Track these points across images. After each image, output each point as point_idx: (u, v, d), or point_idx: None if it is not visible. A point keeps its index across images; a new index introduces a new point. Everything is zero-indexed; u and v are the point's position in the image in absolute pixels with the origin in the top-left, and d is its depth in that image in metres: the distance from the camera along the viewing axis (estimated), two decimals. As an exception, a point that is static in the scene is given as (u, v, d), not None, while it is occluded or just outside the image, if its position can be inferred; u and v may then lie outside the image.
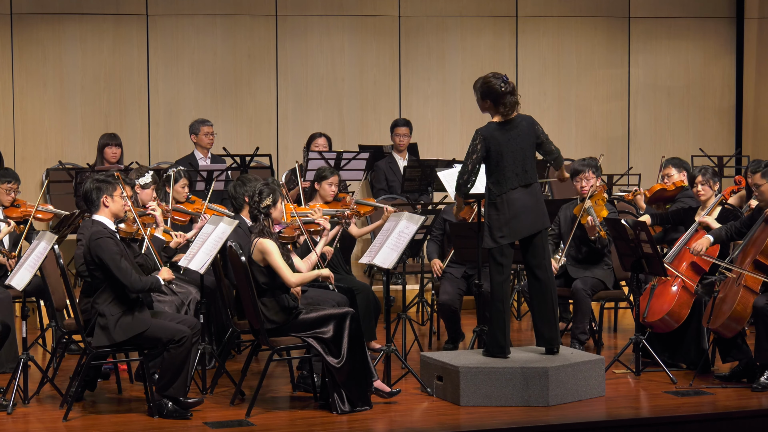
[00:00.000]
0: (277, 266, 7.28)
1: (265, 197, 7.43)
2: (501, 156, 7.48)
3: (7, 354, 8.28)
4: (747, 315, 7.79)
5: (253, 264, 7.31)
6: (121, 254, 7.10)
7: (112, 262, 7.05)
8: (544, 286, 7.63)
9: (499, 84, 7.46)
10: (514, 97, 7.50)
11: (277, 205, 7.45)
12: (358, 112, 13.18)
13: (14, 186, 9.16)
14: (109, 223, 7.22)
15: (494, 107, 7.53)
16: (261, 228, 7.37)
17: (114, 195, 7.25)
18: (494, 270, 7.57)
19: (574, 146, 13.25)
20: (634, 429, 7.22)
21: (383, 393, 7.44)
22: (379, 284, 10.08)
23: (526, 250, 7.63)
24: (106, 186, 7.25)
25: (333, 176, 9.13)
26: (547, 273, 7.63)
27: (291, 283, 7.31)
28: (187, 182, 9.23)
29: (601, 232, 8.79)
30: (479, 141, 7.48)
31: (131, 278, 7.07)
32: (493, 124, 7.53)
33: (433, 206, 10.08)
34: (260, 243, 7.32)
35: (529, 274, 7.68)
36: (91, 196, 7.24)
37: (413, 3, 13.27)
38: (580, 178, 9.03)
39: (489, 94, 7.50)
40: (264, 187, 7.48)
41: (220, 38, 12.87)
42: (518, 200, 7.50)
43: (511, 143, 7.50)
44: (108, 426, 7.04)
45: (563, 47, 13.62)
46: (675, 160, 9.60)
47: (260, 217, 7.41)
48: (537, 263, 7.62)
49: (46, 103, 12.51)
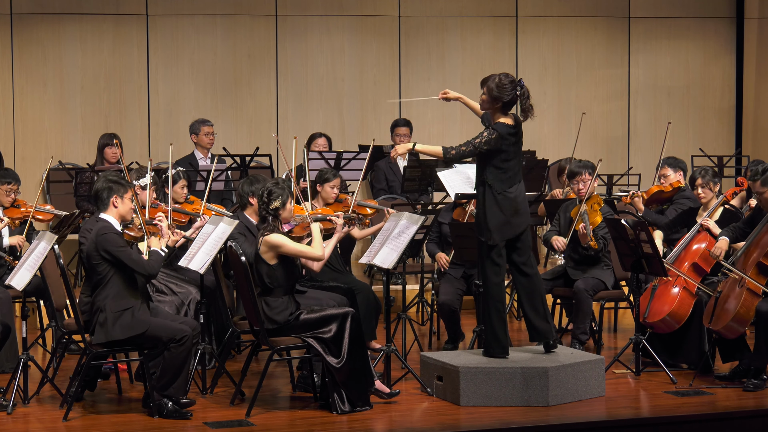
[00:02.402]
0: (297, 251, 7.28)
1: (274, 199, 7.36)
2: (510, 157, 7.49)
3: (7, 354, 8.27)
4: (750, 318, 7.78)
5: (260, 262, 7.29)
6: (127, 246, 7.14)
7: (124, 254, 7.07)
8: (532, 281, 7.68)
9: (516, 91, 7.45)
10: (530, 102, 7.50)
11: (286, 206, 7.42)
12: (358, 112, 13.18)
13: (14, 187, 9.14)
14: (116, 223, 7.22)
15: (502, 110, 7.52)
16: (271, 228, 7.34)
17: (124, 197, 7.25)
18: (492, 271, 7.58)
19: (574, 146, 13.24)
20: (634, 429, 7.22)
21: (383, 394, 7.44)
22: (379, 284, 10.08)
23: (513, 248, 7.64)
24: (118, 187, 7.25)
25: (335, 179, 9.13)
26: (534, 269, 7.70)
27: (319, 255, 7.34)
28: (186, 183, 9.23)
29: (592, 242, 8.79)
30: (495, 137, 7.44)
31: (145, 265, 7.13)
32: (506, 126, 7.51)
33: (433, 206, 10.09)
34: (268, 238, 7.27)
35: (516, 272, 7.70)
36: (102, 194, 7.24)
37: (413, 3, 13.28)
38: (577, 180, 9.03)
39: (501, 99, 7.46)
40: (274, 187, 7.40)
41: (220, 38, 12.87)
42: (515, 199, 7.53)
43: (517, 145, 7.53)
44: (108, 426, 7.04)
45: (563, 47, 13.62)
46: (670, 160, 9.59)
47: (269, 219, 7.38)
48: (524, 260, 7.66)
49: (46, 103, 12.51)
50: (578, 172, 9.00)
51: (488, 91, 7.50)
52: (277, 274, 7.29)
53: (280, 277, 7.29)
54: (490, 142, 7.44)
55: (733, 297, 7.84)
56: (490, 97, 7.50)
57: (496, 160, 7.49)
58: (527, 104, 7.48)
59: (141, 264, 7.12)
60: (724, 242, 8.09)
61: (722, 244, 8.08)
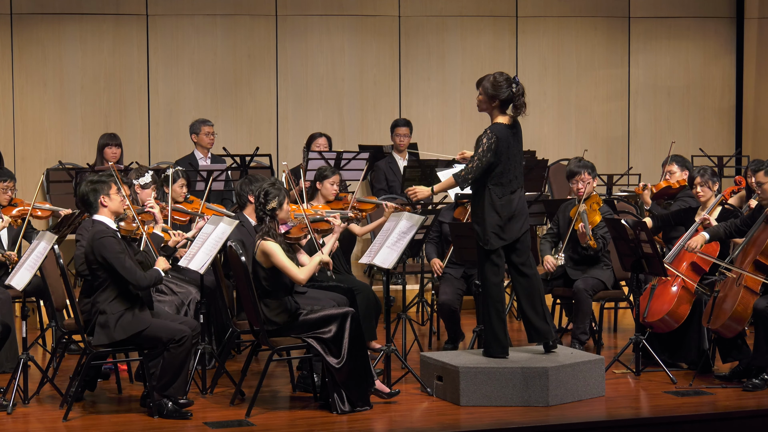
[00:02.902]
0: (283, 266, 7.25)
1: (271, 199, 7.35)
2: (508, 158, 7.47)
3: (7, 354, 8.28)
4: (747, 316, 7.79)
5: (256, 265, 7.30)
6: (124, 253, 7.10)
7: (117, 261, 7.05)
8: (531, 281, 7.68)
9: (511, 88, 7.44)
10: (524, 99, 7.49)
11: (283, 206, 7.41)
12: (358, 112, 13.18)
13: (10, 185, 9.15)
14: (111, 222, 7.21)
15: (500, 108, 7.51)
16: (266, 230, 7.34)
17: (111, 193, 7.23)
18: (491, 271, 7.58)
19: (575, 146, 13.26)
20: (634, 429, 7.22)
21: (383, 394, 7.44)
22: (379, 284, 10.08)
23: (512, 250, 7.63)
24: (101, 186, 7.23)
25: (334, 175, 9.13)
26: (533, 269, 7.70)
27: (300, 279, 7.29)
28: (186, 182, 9.23)
29: (591, 242, 8.79)
30: (494, 141, 7.43)
31: (136, 276, 7.08)
32: (502, 126, 7.50)
33: (433, 206, 10.09)
34: (263, 245, 7.29)
35: (515, 273, 7.69)
36: (89, 198, 7.22)
37: (413, 3, 13.27)
38: (577, 180, 9.02)
39: (497, 97, 7.46)
40: (270, 187, 7.38)
41: (220, 38, 12.87)
42: (514, 202, 7.52)
43: (514, 146, 7.51)
44: (108, 426, 7.04)
45: (563, 47, 13.62)
46: (678, 158, 9.67)
47: (266, 219, 7.38)
48: (523, 261, 7.65)
49: (46, 103, 12.51)
50: (577, 172, 9.00)
51: (484, 91, 7.50)
52: (273, 277, 7.29)
53: (277, 280, 7.30)
54: (491, 148, 7.43)
55: (730, 296, 7.85)
56: (487, 96, 7.49)
57: (497, 164, 7.46)
58: (520, 101, 7.46)
59: (133, 274, 7.06)
60: (701, 237, 8.13)
61: (698, 239, 8.12)
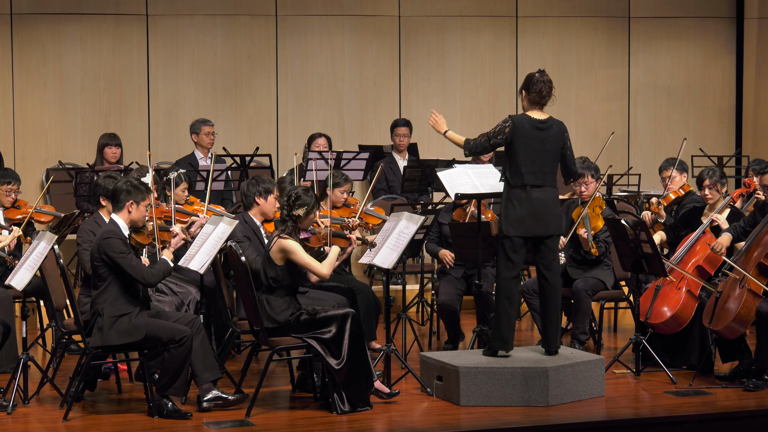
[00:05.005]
0: (305, 263, 7.28)
1: (300, 206, 7.35)
2: (522, 149, 7.50)
3: (7, 354, 8.28)
4: (751, 318, 7.77)
5: (268, 263, 7.29)
6: (129, 252, 7.13)
7: (123, 260, 7.06)
8: (547, 289, 7.67)
9: (535, 74, 7.56)
10: (546, 86, 7.54)
11: (309, 216, 7.41)
12: (358, 112, 13.18)
13: (14, 187, 9.14)
14: (124, 227, 7.22)
15: (527, 96, 7.60)
16: (288, 231, 7.34)
17: (141, 204, 7.24)
18: (503, 265, 7.57)
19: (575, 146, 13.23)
20: (634, 429, 7.22)
21: (383, 394, 7.45)
22: (379, 284, 10.08)
23: (537, 250, 7.66)
24: (137, 193, 7.23)
25: (346, 184, 9.17)
26: (555, 276, 7.67)
27: (324, 274, 7.32)
28: (187, 185, 9.22)
29: (593, 249, 8.78)
30: (509, 125, 7.52)
31: (143, 272, 7.10)
32: (526, 116, 7.56)
33: (433, 206, 10.09)
34: (282, 242, 7.28)
35: (538, 274, 7.74)
36: (119, 196, 7.22)
37: (413, 3, 13.27)
38: (580, 182, 9.00)
39: (525, 84, 7.62)
40: (304, 194, 7.38)
41: (220, 38, 12.87)
42: (535, 200, 7.52)
43: (535, 142, 7.52)
44: (108, 426, 7.05)
45: (563, 47, 13.62)
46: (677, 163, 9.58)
47: (289, 222, 7.37)
48: (545, 264, 7.65)
49: (46, 103, 12.50)
50: (581, 174, 8.95)
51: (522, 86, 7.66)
52: (283, 275, 7.30)
53: (285, 279, 7.31)
54: (503, 131, 7.51)
55: (733, 298, 7.83)
56: (521, 89, 7.65)
57: (512, 151, 7.52)
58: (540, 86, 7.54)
59: (140, 271, 7.10)
60: (726, 238, 8.08)
61: (724, 240, 8.07)
